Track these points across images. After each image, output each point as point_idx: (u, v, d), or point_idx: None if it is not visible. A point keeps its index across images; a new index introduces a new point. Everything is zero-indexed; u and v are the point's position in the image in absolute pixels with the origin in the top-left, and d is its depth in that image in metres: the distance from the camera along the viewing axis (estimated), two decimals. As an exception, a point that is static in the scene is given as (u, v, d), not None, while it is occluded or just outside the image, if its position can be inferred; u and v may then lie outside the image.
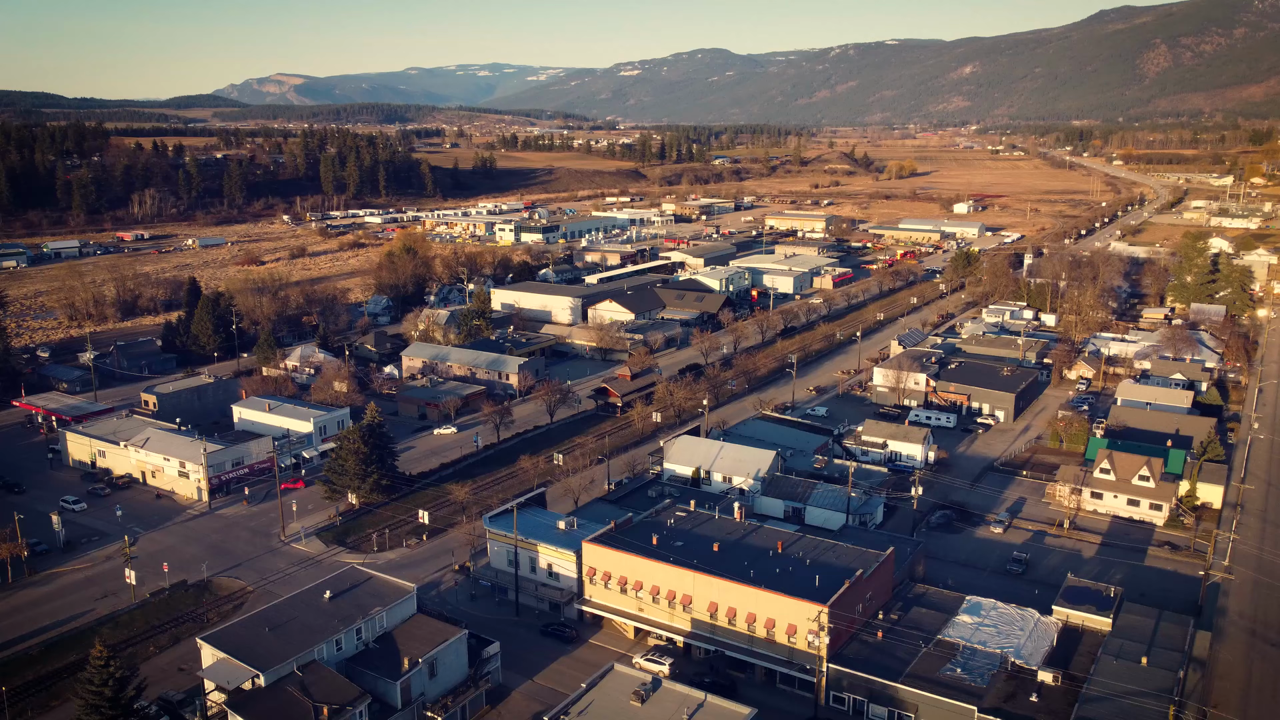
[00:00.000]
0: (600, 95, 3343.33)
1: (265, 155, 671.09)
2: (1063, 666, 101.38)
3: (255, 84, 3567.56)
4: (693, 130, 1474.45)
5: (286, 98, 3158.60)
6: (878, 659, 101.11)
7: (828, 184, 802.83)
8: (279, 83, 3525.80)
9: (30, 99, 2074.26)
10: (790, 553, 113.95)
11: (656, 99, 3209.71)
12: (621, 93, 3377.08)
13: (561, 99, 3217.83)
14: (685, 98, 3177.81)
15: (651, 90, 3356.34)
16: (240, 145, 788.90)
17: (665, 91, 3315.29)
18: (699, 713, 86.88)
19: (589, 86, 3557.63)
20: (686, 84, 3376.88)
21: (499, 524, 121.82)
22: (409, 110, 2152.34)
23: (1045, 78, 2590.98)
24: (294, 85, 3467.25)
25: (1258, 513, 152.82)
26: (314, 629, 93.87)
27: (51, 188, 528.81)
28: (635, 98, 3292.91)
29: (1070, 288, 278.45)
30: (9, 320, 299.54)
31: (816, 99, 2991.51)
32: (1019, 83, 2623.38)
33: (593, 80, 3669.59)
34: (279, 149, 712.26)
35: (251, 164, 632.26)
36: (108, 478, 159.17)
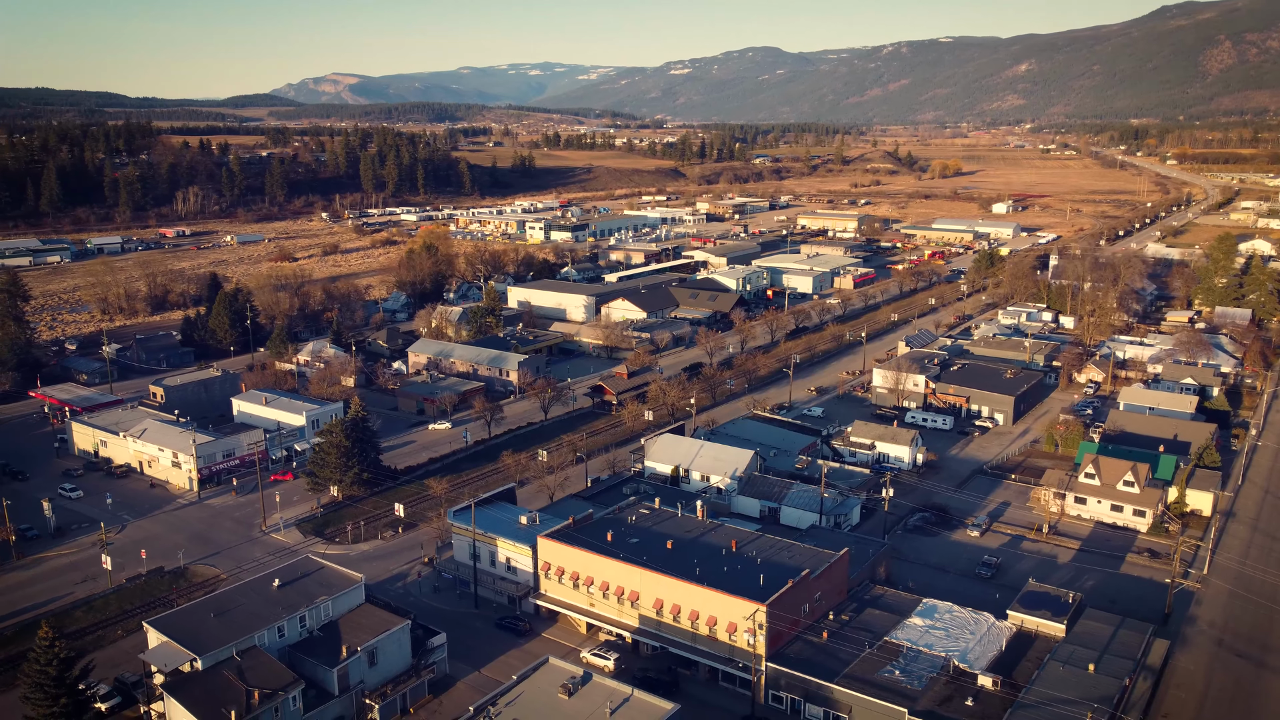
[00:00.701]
0: (650, 94, 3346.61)
1: (308, 154, 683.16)
2: (1009, 671, 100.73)
3: (311, 83, 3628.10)
4: (738, 129, 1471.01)
5: (341, 97, 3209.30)
6: (818, 659, 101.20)
7: (868, 183, 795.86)
8: (334, 82, 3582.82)
9: (94, 98, 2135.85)
10: (744, 552, 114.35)
11: (706, 98, 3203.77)
12: (671, 91, 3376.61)
13: (611, 98, 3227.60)
14: (735, 96, 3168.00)
15: (701, 89, 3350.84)
16: (287, 144, 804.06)
17: (715, 90, 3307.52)
18: (623, 707, 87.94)
19: (639, 85, 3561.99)
20: (737, 82, 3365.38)
21: (463, 518, 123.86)
22: (459, 109, 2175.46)
23: (1104, 75, 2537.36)
24: (349, 85, 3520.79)
25: (1249, 521, 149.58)
26: (259, 616, 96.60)
27: (100, 185, 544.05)
28: (685, 96, 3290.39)
29: (1090, 290, 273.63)
30: (44, 313, 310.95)
31: (868, 97, 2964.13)
32: (1076, 80, 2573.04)
33: (643, 79, 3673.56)
34: (322, 147, 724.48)
35: (294, 162, 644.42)
36: (108, 466, 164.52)
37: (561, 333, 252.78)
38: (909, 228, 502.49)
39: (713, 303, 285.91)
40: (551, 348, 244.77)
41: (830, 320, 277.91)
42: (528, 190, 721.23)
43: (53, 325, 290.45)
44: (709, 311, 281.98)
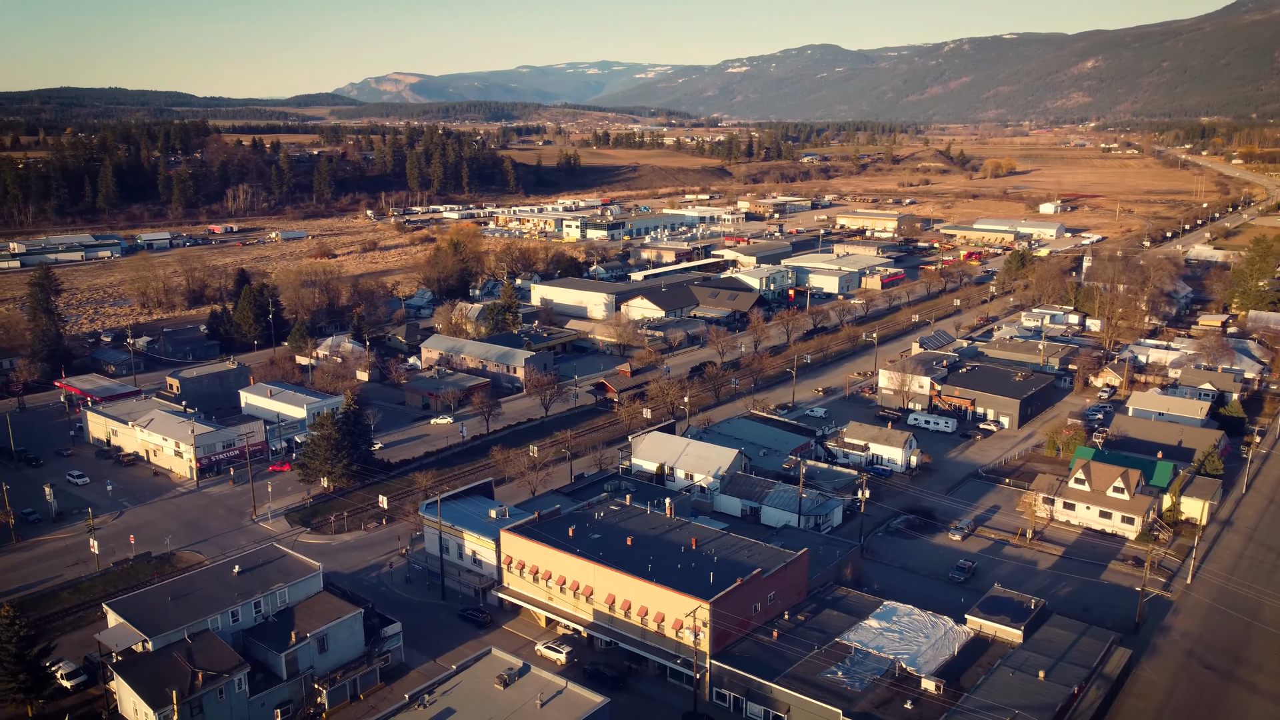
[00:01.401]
0: (706, 92, 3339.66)
1: (356, 153, 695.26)
2: (957, 676, 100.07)
3: (373, 83, 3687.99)
4: (792, 127, 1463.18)
5: (402, 96, 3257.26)
6: (764, 659, 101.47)
7: (917, 183, 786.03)
8: (395, 81, 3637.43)
9: (164, 98, 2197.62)
10: (703, 550, 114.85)
11: (763, 96, 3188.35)
12: (728, 90, 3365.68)
13: (668, 96, 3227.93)
14: (792, 94, 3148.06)
15: (758, 87, 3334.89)
16: (340, 142, 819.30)
17: (773, 88, 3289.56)
18: (554, 699, 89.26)
19: (696, 84, 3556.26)
20: (794, 80, 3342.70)
21: (433, 511, 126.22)
22: (515, 108, 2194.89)
23: (1174, 72, 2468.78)
24: (409, 84, 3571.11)
25: (1245, 531, 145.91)
26: (214, 600, 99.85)
27: (155, 183, 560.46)
28: (742, 95, 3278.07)
29: (1121, 292, 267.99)
30: (88, 306, 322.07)
31: (928, 95, 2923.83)
32: (1145, 78, 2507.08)
33: (700, 78, 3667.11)
34: (371, 146, 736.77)
35: (342, 161, 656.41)
36: (117, 454, 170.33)
37: (576, 330, 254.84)
38: (950, 228, 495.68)
39: (732, 302, 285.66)
40: (565, 345, 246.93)
41: (849, 321, 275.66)
42: (572, 189, 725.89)
43: (93, 318, 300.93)
44: (728, 311, 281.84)
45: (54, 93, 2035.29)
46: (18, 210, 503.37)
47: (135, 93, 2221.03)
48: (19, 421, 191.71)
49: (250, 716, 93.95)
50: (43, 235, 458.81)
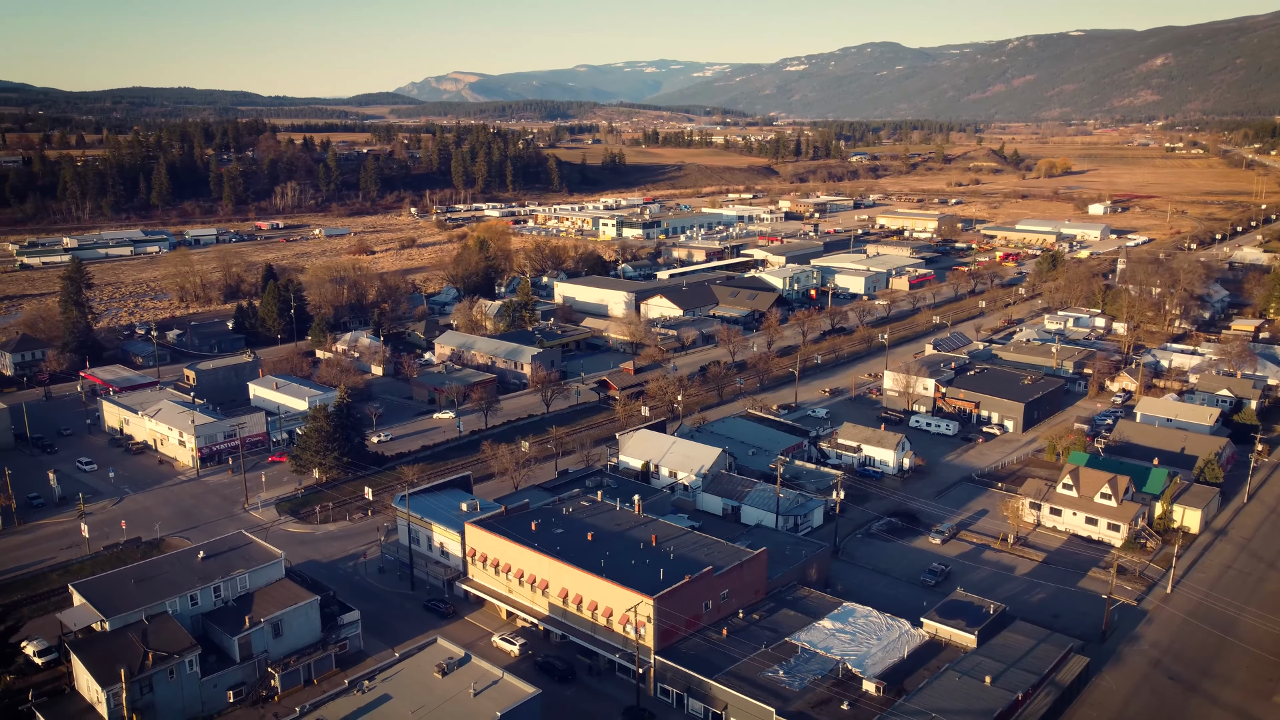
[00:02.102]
0: (764, 91, 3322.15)
1: (403, 151, 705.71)
2: (902, 679, 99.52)
3: (434, 82, 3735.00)
4: (846, 126, 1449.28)
5: (461, 95, 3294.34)
6: (709, 656, 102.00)
7: (968, 182, 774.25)
8: (455, 80, 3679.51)
9: (230, 97, 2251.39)
10: (662, 547, 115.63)
11: (822, 94, 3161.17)
12: (786, 88, 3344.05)
13: (725, 95, 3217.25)
14: (851, 93, 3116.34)
15: (817, 85, 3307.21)
16: (392, 141, 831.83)
17: (831, 86, 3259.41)
18: (488, 689, 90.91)
19: (754, 82, 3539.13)
20: (853, 79, 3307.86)
21: (406, 503, 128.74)
22: (571, 106, 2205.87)
23: (1248, 69, 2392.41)
24: (469, 83, 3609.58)
25: (1239, 541, 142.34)
26: (176, 584, 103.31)
27: (206, 180, 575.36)
28: (800, 93, 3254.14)
29: (1146, 294, 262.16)
30: (130, 299, 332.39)
31: (990, 94, 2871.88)
32: (1217, 75, 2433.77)
33: (758, 76, 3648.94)
34: (419, 144, 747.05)
35: (389, 159, 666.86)
36: (128, 443, 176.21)
37: (590, 328, 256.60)
38: (991, 228, 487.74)
39: (752, 301, 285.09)
40: (579, 342, 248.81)
41: (869, 322, 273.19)
42: (616, 187, 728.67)
43: (133, 311, 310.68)
44: (747, 310, 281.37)
45: (126, 92, 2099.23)
46: (75, 206, 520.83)
47: (203, 92, 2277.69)
48: (45, 410, 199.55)
49: (202, 697, 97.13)
50: (96, 231, 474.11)
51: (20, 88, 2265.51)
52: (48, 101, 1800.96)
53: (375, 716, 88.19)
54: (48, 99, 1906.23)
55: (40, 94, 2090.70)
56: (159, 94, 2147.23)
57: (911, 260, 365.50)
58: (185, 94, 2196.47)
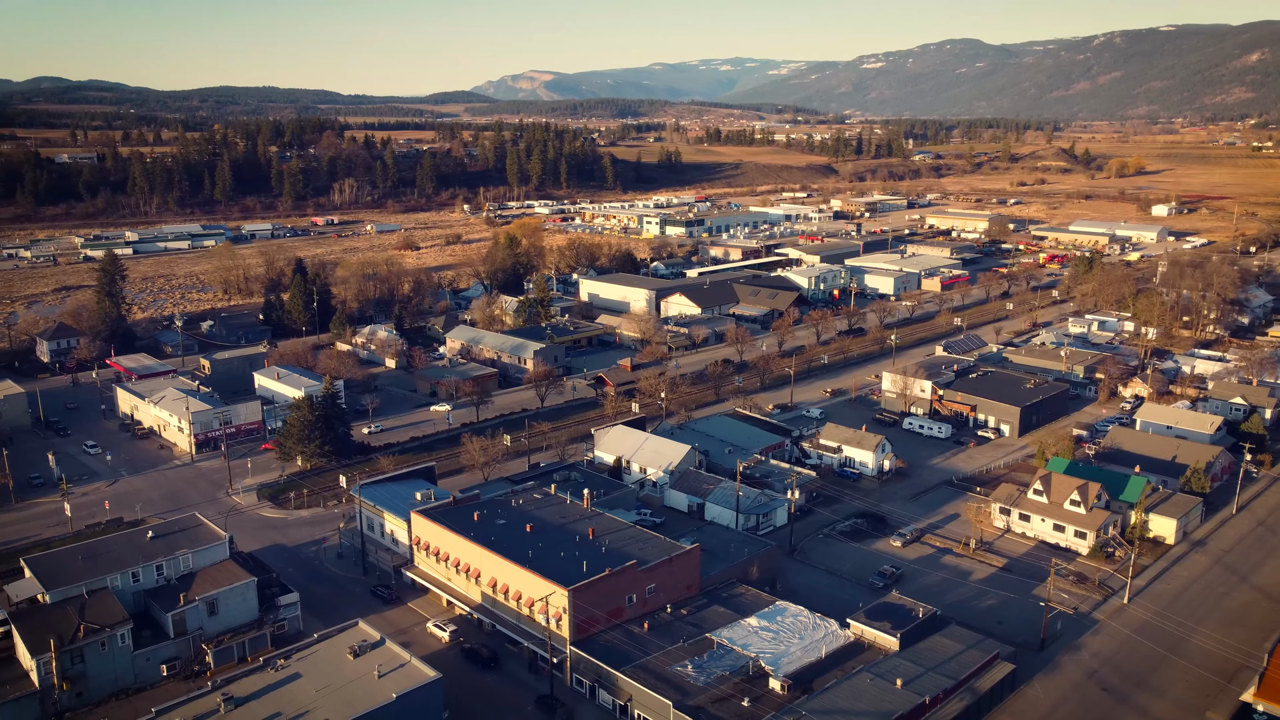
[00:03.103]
0: (840, 89, 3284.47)
1: (461, 148, 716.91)
2: (812, 678, 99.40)
3: (510, 80, 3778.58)
4: (919, 124, 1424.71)
5: (536, 93, 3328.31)
6: (625, 649, 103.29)
7: (1033, 182, 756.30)
8: (531, 79, 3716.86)
9: (311, 95, 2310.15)
10: (598, 541, 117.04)
11: (898, 92, 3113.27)
12: (862, 86, 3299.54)
13: (800, 93, 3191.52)
14: (929, 91, 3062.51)
15: (894, 83, 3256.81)
16: (454, 139, 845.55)
17: (909, 84, 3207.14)
18: (393, 672, 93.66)
19: (829, 80, 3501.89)
20: (932, 76, 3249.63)
21: (365, 492, 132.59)
22: (642, 105, 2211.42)
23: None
24: (544, 81, 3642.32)
25: (1216, 553, 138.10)
26: (120, 561, 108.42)
27: (268, 176, 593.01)
28: (876, 91, 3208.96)
29: (1178, 298, 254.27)
30: (177, 291, 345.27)
31: (1073, 91, 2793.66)
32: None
33: (833, 74, 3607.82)
34: (477, 142, 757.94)
35: (446, 156, 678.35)
36: (135, 428, 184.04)
37: (603, 325, 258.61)
38: (1044, 229, 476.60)
39: (772, 300, 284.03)
40: (591, 339, 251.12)
41: (889, 323, 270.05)
42: (672, 185, 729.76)
43: (178, 302, 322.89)
44: (766, 309, 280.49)
45: (213, 91, 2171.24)
46: (143, 201, 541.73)
47: (286, 91, 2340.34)
48: (71, 395, 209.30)
49: (135, 669, 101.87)
50: (158, 225, 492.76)
51: (115, 87, 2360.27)
52: (139, 100, 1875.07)
53: (282, 693, 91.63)
54: (139, 98, 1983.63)
55: (133, 93, 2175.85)
56: (244, 93, 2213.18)
57: (948, 261, 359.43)
58: (269, 93, 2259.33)
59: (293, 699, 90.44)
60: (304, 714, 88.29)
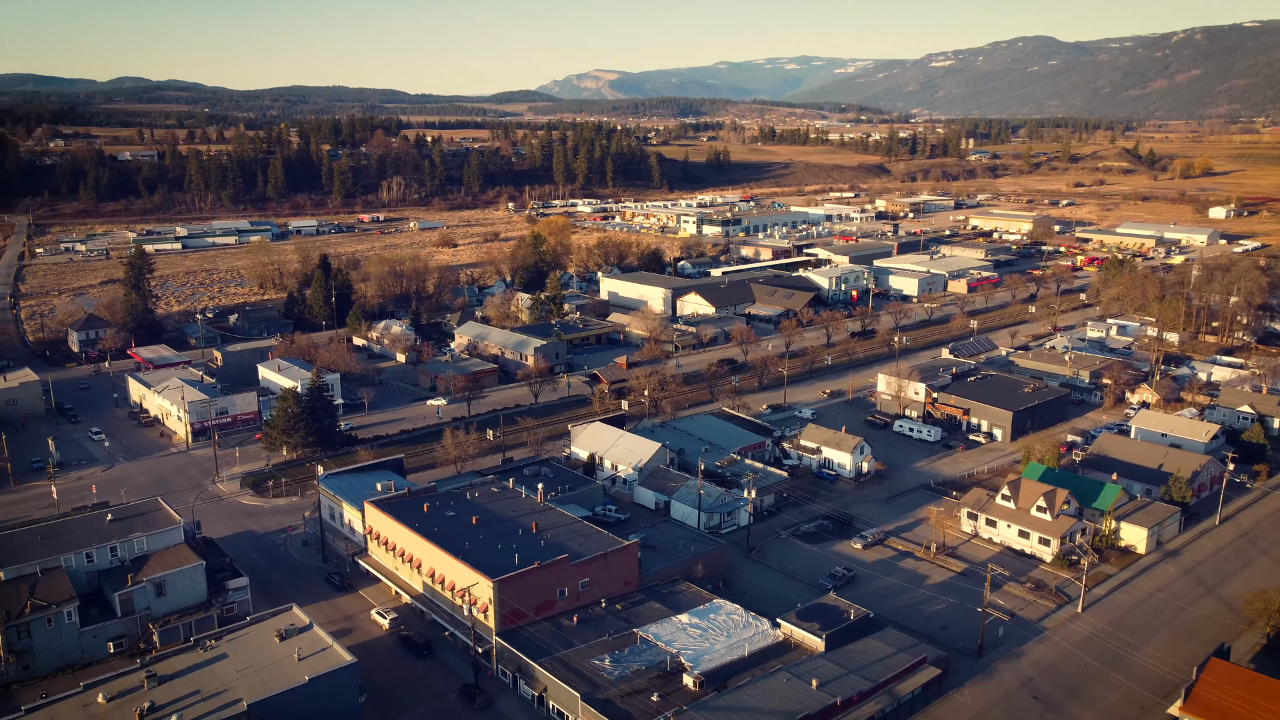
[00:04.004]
0: (907, 88, 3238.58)
1: (509, 147, 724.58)
2: (728, 676, 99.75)
3: (575, 79, 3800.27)
4: (984, 123, 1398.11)
5: (601, 92, 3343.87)
6: (548, 641, 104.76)
7: (1091, 183, 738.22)
8: (595, 78, 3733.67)
9: (379, 95, 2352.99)
10: (540, 535, 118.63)
11: (968, 91, 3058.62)
12: (930, 85, 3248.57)
13: (866, 91, 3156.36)
14: (999, 89, 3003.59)
15: (963, 81, 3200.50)
16: (508, 137, 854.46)
17: (978, 83, 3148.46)
18: (313, 655, 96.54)
19: (897, 79, 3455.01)
20: (1003, 75, 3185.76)
21: (328, 481, 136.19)
22: (704, 104, 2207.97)
23: None
24: (609, 81, 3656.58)
25: (1188, 565, 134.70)
26: (77, 542, 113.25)
27: (319, 174, 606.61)
28: (945, 89, 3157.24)
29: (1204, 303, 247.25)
30: (214, 285, 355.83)
31: (1150, 90, 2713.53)
32: None
33: (901, 72, 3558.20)
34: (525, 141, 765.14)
35: (495, 155, 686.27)
36: (140, 416, 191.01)
37: (613, 323, 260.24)
38: (1090, 231, 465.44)
39: (787, 300, 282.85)
40: (600, 337, 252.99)
41: (905, 325, 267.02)
42: (719, 185, 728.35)
43: (214, 296, 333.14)
44: (781, 309, 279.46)
45: (285, 90, 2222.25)
46: (198, 198, 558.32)
47: (355, 90, 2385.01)
48: (90, 384, 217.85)
49: (82, 646, 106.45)
50: (209, 221, 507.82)
51: (193, 87, 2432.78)
52: (214, 100, 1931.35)
53: (205, 672, 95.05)
54: (214, 97, 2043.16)
55: (209, 92, 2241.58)
56: (314, 92, 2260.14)
57: (978, 263, 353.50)
58: (338, 92, 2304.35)
59: (214, 678, 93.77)
60: (221, 692, 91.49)
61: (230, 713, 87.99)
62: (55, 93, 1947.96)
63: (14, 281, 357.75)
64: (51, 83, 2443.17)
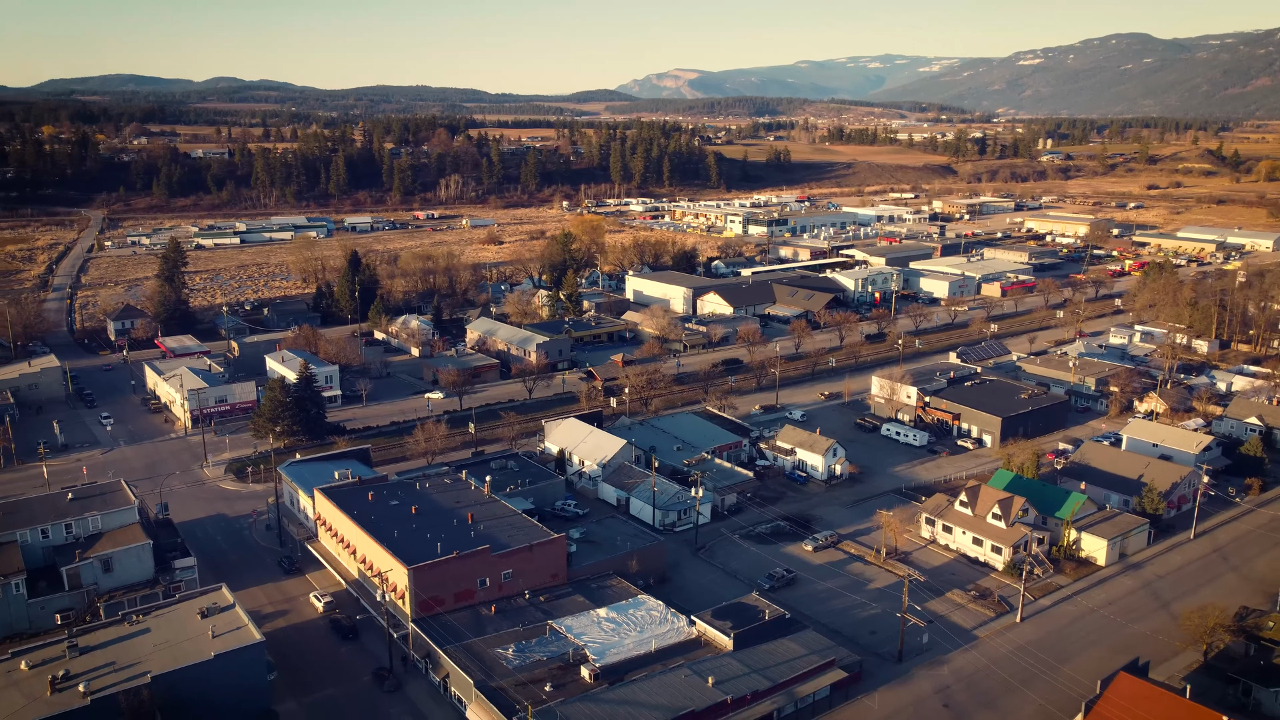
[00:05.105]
0: (993, 86, 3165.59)
1: (568, 146, 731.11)
2: (628, 671, 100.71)
3: (655, 79, 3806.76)
4: (1067, 123, 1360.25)
5: (680, 92, 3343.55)
6: (462, 628, 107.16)
7: (1167, 185, 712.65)
8: (675, 77, 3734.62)
9: (460, 94, 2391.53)
10: (475, 526, 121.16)
11: (1056, 89, 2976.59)
12: (1017, 83, 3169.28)
13: (950, 90, 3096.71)
14: (1090, 88, 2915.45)
15: (1051, 80, 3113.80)
16: (563, 136, 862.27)
17: (1068, 81, 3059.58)
18: (226, 634, 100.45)
19: (982, 77, 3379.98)
20: (1094, 73, 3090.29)
21: (290, 469, 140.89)
22: (780, 103, 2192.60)
23: None
24: (688, 80, 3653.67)
25: (1147, 579, 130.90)
26: (35, 518, 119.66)
27: (380, 172, 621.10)
28: (1032, 88, 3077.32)
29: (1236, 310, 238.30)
30: (260, 279, 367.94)
31: (1252, 88, 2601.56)
32: None
33: (987, 70, 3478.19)
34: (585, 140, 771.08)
35: (553, 154, 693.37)
36: (150, 403, 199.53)
37: (625, 321, 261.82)
38: (1150, 235, 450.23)
39: (807, 301, 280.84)
40: (613, 334, 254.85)
41: (925, 328, 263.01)
42: (778, 185, 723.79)
43: (258, 289, 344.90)
44: (800, 310, 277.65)
45: (369, 90, 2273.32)
46: (263, 194, 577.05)
47: (437, 90, 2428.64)
48: (115, 371, 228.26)
49: (30, 616, 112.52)
50: (269, 216, 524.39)
51: (283, 86, 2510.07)
52: (301, 99, 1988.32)
53: (125, 645, 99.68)
54: (302, 97, 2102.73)
55: (297, 92, 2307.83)
56: (398, 92, 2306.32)
57: (1017, 266, 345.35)
58: (421, 92, 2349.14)
59: (130, 651, 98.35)
60: (133, 664, 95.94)
61: (135, 684, 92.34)
62: (153, 92, 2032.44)
63: (77, 273, 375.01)
64: (151, 83, 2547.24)
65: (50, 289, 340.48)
